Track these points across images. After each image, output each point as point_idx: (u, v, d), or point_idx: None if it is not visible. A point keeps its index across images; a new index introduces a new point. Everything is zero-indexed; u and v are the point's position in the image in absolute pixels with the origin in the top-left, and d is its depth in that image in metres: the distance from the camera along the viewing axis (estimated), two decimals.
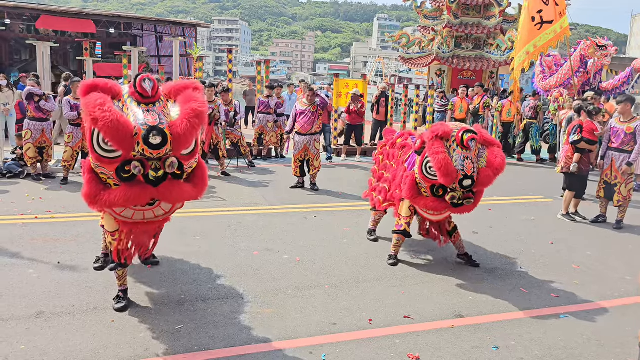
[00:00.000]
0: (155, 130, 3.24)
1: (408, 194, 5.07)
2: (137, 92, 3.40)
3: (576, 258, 5.93)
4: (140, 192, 3.40)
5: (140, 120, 3.29)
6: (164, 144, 3.28)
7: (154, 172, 3.32)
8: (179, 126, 3.31)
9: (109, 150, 3.31)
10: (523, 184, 10.16)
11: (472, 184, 4.70)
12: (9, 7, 15.33)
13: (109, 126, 3.14)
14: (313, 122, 8.49)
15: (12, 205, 7.00)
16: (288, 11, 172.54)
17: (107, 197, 3.43)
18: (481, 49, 17.44)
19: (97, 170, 3.48)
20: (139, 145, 3.26)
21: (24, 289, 4.42)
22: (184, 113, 3.36)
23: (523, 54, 11.25)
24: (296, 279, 4.93)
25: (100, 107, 3.16)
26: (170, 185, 3.43)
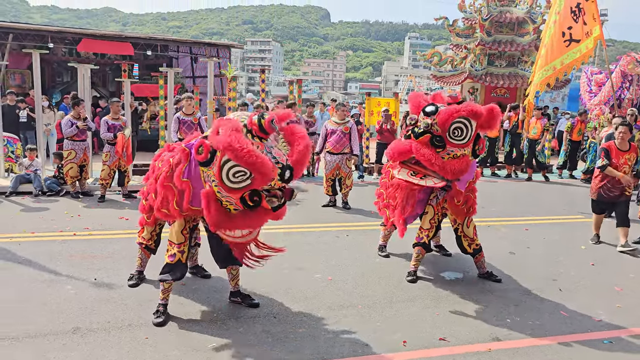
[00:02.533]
0: (288, 168, 3.67)
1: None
2: (261, 131, 3.63)
3: (619, 280, 5.71)
4: (261, 216, 3.83)
5: (272, 159, 3.62)
6: (291, 178, 3.72)
7: (278, 200, 3.74)
8: (299, 162, 3.76)
9: (238, 182, 3.59)
10: (561, 204, 9.90)
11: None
12: (52, 32, 15.95)
13: (262, 170, 3.48)
14: (344, 143, 8.47)
15: (52, 222, 7.19)
16: (319, 31, 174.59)
17: (233, 223, 3.85)
18: (515, 66, 17.25)
19: (222, 198, 3.76)
20: (273, 181, 3.63)
21: (61, 305, 4.51)
22: (301, 149, 3.76)
23: (550, 68, 10.99)
24: (328, 299, 4.88)
25: (253, 153, 3.44)
26: (282, 208, 3.85)
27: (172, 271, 4.23)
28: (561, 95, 24.23)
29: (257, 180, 3.55)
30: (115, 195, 9.07)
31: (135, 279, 5.02)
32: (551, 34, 10.97)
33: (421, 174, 4.95)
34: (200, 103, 14.89)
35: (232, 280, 4.67)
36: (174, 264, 4.22)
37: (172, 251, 4.24)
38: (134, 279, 5.02)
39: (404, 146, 5.02)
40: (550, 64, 10.92)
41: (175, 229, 4.26)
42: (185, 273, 4.39)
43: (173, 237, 4.26)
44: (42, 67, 9.62)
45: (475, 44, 17.16)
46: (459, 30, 18.16)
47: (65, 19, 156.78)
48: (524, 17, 16.75)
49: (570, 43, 10.66)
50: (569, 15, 10.61)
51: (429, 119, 4.77)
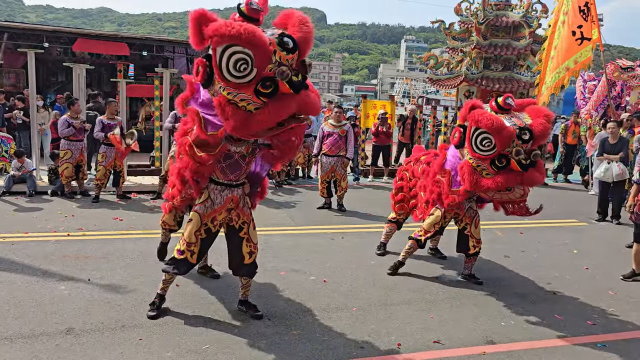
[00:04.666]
0: (285, 34, 3.39)
1: (470, 181, 4.72)
2: (246, 18, 3.46)
3: (613, 284, 5.73)
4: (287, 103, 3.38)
5: (267, 34, 3.39)
6: (295, 47, 3.40)
7: (295, 77, 3.37)
8: (297, 32, 3.44)
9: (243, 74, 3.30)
10: (556, 207, 9.92)
11: (531, 135, 4.49)
12: (47, 31, 15.87)
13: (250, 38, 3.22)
14: (340, 145, 8.47)
15: (46, 222, 7.15)
16: (316, 33, 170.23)
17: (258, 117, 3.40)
18: (511, 70, 17.28)
19: (236, 99, 3.40)
20: (276, 54, 3.34)
21: (54, 305, 4.48)
22: (296, 22, 3.49)
23: (562, 69, 11.00)
24: (323, 301, 4.88)
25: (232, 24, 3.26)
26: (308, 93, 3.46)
27: (176, 265, 4.20)
28: (556, 100, 24.35)
29: (256, 57, 3.27)
30: (110, 196, 9.04)
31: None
32: (561, 34, 10.96)
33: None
34: None
35: (242, 289, 4.59)
36: (180, 260, 4.18)
37: (181, 248, 4.18)
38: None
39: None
40: (562, 65, 10.92)
41: (190, 227, 4.18)
42: (189, 270, 4.30)
43: (186, 235, 4.19)
44: (37, 67, 9.54)
45: (471, 48, 17.19)
46: (455, 34, 18.19)
47: (60, 18, 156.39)
48: (520, 21, 16.79)
49: (583, 41, 10.69)
50: (578, 14, 10.65)
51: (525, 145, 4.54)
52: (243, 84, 3.34)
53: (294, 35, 3.43)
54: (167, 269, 4.25)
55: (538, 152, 4.56)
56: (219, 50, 3.31)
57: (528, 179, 4.59)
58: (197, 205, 4.22)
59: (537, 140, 4.58)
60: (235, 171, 4.15)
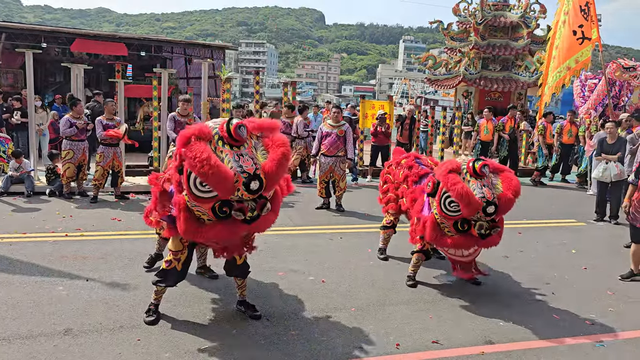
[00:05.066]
0: (255, 177, 3.51)
1: (431, 236, 4.97)
2: (231, 138, 3.58)
3: (611, 284, 5.74)
4: (235, 228, 3.65)
5: (238, 168, 3.50)
6: (261, 188, 3.56)
7: (250, 213, 3.59)
8: (272, 171, 3.59)
9: (207, 192, 3.50)
10: (555, 208, 9.95)
11: (496, 209, 4.65)
12: (45, 32, 15.84)
13: (216, 179, 3.37)
14: (339, 146, 8.47)
15: (44, 223, 7.14)
16: (314, 34, 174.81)
17: (205, 234, 3.69)
18: (509, 70, 17.32)
19: (193, 208, 3.67)
20: (239, 191, 3.50)
21: (53, 306, 4.47)
22: (275, 157, 3.63)
23: (564, 69, 11.02)
24: (321, 301, 4.88)
25: (207, 162, 3.35)
26: (260, 219, 3.70)
27: (165, 277, 4.23)
28: (554, 100, 24.38)
29: (219, 191, 3.45)
30: (108, 196, 9.02)
31: (150, 259, 5.46)
32: (562, 34, 10.99)
33: None
34: (194, 104, 14.82)
35: (239, 289, 4.60)
36: (169, 270, 4.21)
37: (169, 257, 4.23)
38: (149, 259, 5.45)
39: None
40: (563, 64, 10.96)
41: (175, 237, 4.20)
42: (180, 280, 4.32)
43: (172, 245, 4.24)
44: (35, 67, 9.54)
45: (469, 48, 17.23)
46: (453, 34, 18.25)
47: (58, 18, 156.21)
48: (518, 22, 16.84)
49: (584, 41, 10.73)
50: (579, 13, 10.69)
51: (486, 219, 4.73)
52: (203, 199, 3.53)
53: (267, 169, 3.57)
54: (160, 283, 4.26)
55: (498, 228, 4.84)
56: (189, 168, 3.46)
57: (485, 243, 4.89)
58: None
59: (501, 213, 4.81)
60: None
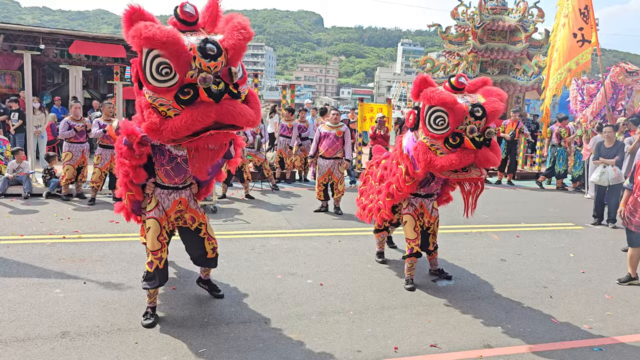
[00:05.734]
0: (209, 41, 3.26)
1: (424, 160, 4.62)
2: (180, 21, 3.43)
3: (609, 288, 5.74)
4: (204, 111, 3.22)
5: (192, 39, 3.29)
6: (219, 54, 3.27)
7: (215, 85, 3.23)
8: (229, 38, 3.32)
9: (165, 79, 3.28)
10: (552, 211, 9.96)
11: (483, 112, 4.42)
12: (44, 33, 15.75)
13: (165, 40, 3.13)
14: (337, 147, 8.46)
15: (41, 225, 7.12)
16: (313, 36, 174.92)
17: (172, 124, 3.28)
18: (507, 74, 17.34)
19: (156, 104, 3.38)
20: (196, 60, 3.23)
21: (50, 309, 4.45)
22: (231, 27, 3.37)
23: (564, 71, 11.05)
24: (320, 304, 4.87)
25: (151, 26, 3.15)
26: (232, 103, 3.31)
27: (152, 279, 4.24)
28: (552, 103, 24.40)
29: (173, 61, 3.20)
30: (106, 198, 9.00)
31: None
32: (562, 37, 11.03)
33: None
34: None
35: (204, 272, 4.88)
36: (153, 272, 4.22)
37: (149, 258, 4.23)
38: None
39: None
40: (564, 66, 10.99)
41: (150, 236, 4.22)
42: (166, 279, 4.36)
43: (149, 245, 4.23)
44: (33, 69, 9.55)
45: (467, 52, 17.25)
46: (451, 38, 18.26)
47: (56, 20, 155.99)
48: (516, 26, 16.87)
49: (584, 43, 10.77)
50: (578, 17, 10.73)
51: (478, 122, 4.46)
52: (164, 88, 3.30)
53: (226, 42, 3.32)
54: (145, 286, 4.28)
55: (492, 130, 4.48)
56: (144, 52, 3.32)
57: (482, 157, 4.46)
58: (151, 212, 4.27)
59: (490, 118, 4.51)
60: (179, 174, 4.26)
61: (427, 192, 5.41)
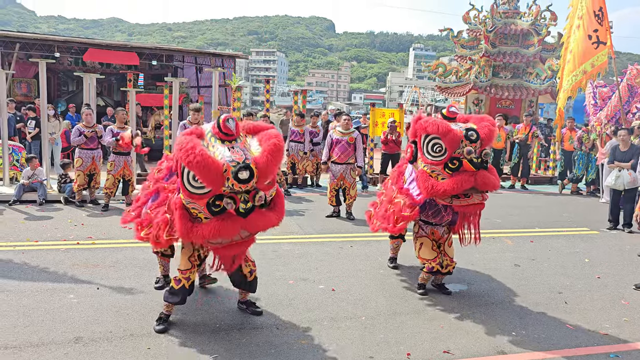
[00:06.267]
0: (243, 166, 3.51)
1: (426, 187, 4.76)
2: (221, 132, 3.68)
3: (625, 294, 5.65)
4: (231, 224, 3.60)
5: (227, 158, 3.55)
6: (251, 178, 3.54)
7: (243, 204, 3.56)
8: (263, 161, 3.60)
9: (200, 187, 3.56)
10: (567, 215, 9.85)
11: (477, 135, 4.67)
12: (59, 41, 16.05)
13: (202, 167, 3.42)
14: (349, 153, 8.45)
15: (56, 231, 7.19)
16: (324, 42, 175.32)
17: (201, 232, 3.63)
18: (520, 78, 17.25)
19: (189, 206, 3.70)
20: (229, 181, 3.50)
21: (63, 314, 4.49)
22: (267, 148, 3.66)
23: (579, 72, 10.95)
24: (332, 310, 4.85)
25: (192, 151, 3.44)
26: (257, 215, 3.67)
27: (176, 296, 4.28)
28: (566, 107, 24.19)
29: (208, 183, 3.49)
30: (119, 204, 9.08)
31: (161, 281, 5.08)
32: (576, 38, 10.93)
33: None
34: (205, 113, 14.91)
35: (241, 294, 4.78)
36: (178, 289, 4.26)
37: (178, 276, 4.28)
38: (160, 281, 5.09)
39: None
40: (579, 68, 10.90)
41: (182, 255, 4.28)
42: (187, 297, 4.35)
43: (181, 264, 4.29)
44: (48, 77, 9.69)
45: (479, 56, 17.19)
46: (463, 42, 18.21)
47: (71, 28, 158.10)
48: (529, 29, 16.79)
49: (599, 45, 10.69)
50: (593, 18, 10.65)
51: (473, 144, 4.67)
52: (197, 194, 3.58)
53: (260, 162, 3.59)
54: (167, 300, 4.32)
55: (488, 152, 4.72)
56: (180, 162, 3.56)
57: (481, 179, 4.61)
58: None
59: (485, 142, 4.75)
60: None
61: (437, 222, 5.34)
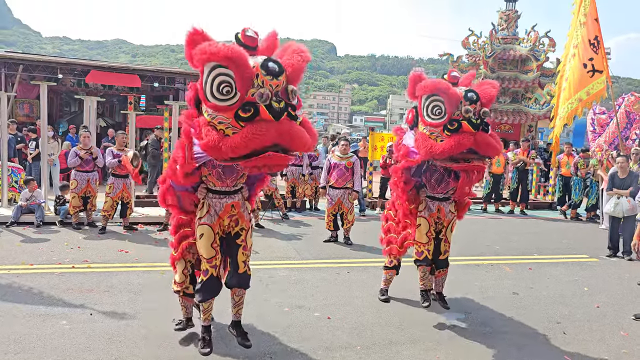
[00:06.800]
0: (271, 59, 3.36)
1: (425, 147, 4.69)
2: (241, 45, 3.47)
3: (624, 324, 5.58)
4: (265, 129, 3.20)
5: (254, 59, 3.38)
6: (281, 72, 3.35)
7: (276, 103, 3.24)
8: (290, 59, 3.45)
9: (226, 98, 3.29)
10: (566, 242, 9.80)
11: (477, 96, 4.64)
12: (61, 63, 16.22)
13: (230, 53, 3.21)
14: (347, 178, 8.45)
15: (51, 254, 7.15)
16: (326, 65, 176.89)
17: (231, 141, 3.26)
18: (519, 103, 17.36)
19: (215, 122, 3.37)
20: (259, 78, 3.30)
21: (55, 341, 4.43)
22: (292, 51, 3.52)
23: (575, 100, 11.03)
24: (327, 339, 4.78)
25: (215, 43, 3.28)
26: (291, 123, 3.30)
27: (206, 290, 4.07)
28: (566, 131, 24.29)
29: (237, 77, 3.25)
30: (116, 227, 9.05)
31: (182, 324, 4.69)
32: (572, 66, 11.05)
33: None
34: None
35: (234, 308, 4.31)
36: (207, 280, 4.05)
37: (204, 267, 4.09)
38: (182, 324, 4.69)
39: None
40: (574, 96, 10.99)
41: (203, 244, 4.04)
42: (220, 287, 4.16)
43: (203, 252, 4.07)
44: (51, 97, 9.79)
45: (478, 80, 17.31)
46: (463, 67, 18.36)
47: (76, 49, 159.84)
48: (528, 55, 16.95)
49: (594, 73, 10.78)
50: (588, 47, 10.77)
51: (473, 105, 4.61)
52: (224, 106, 3.31)
53: (285, 62, 3.43)
54: (201, 299, 4.11)
55: (487, 111, 4.66)
56: (205, 70, 3.37)
57: (482, 140, 4.55)
58: (204, 218, 4.08)
59: (484, 104, 4.69)
60: (231, 175, 4.09)
61: (444, 195, 5.28)
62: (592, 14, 10.81)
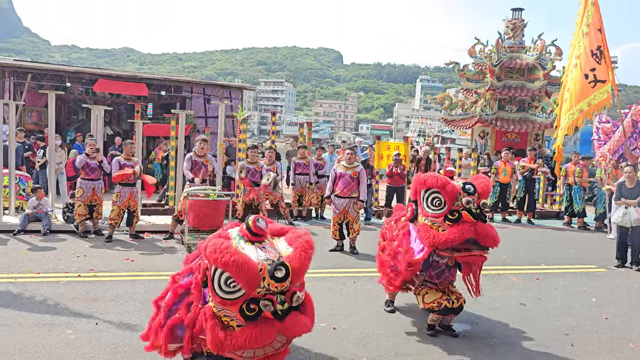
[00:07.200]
0: (280, 264, 3.42)
1: (428, 238, 4.81)
2: (251, 233, 3.61)
3: (634, 336, 5.52)
4: (268, 329, 3.43)
5: (261, 257, 3.47)
6: (287, 277, 3.44)
7: (280, 305, 3.43)
8: (296, 259, 3.52)
9: (232, 291, 3.40)
10: (573, 252, 9.72)
11: (475, 189, 4.89)
12: (69, 72, 16.35)
13: (238, 266, 3.29)
14: (352, 187, 8.43)
15: (58, 262, 7.17)
16: (332, 73, 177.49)
17: (235, 342, 3.42)
18: (525, 111, 17.28)
19: (220, 314, 3.52)
20: (265, 281, 3.39)
21: (60, 351, 4.43)
22: (299, 247, 3.59)
23: (576, 111, 10.98)
24: (332, 350, 4.76)
25: (227, 250, 3.34)
26: (293, 318, 3.51)
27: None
28: (572, 139, 24.18)
29: (243, 284, 3.34)
30: (123, 236, 9.07)
31: None
32: (573, 77, 11.01)
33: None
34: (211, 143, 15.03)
35: None
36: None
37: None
38: None
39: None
40: (576, 107, 10.93)
41: None
42: None
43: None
44: (59, 106, 9.87)
45: (485, 89, 17.27)
46: (469, 75, 18.32)
47: (84, 58, 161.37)
48: (534, 63, 16.88)
49: (596, 84, 10.72)
50: (590, 58, 10.71)
51: (471, 197, 4.84)
52: (230, 300, 3.42)
53: (292, 261, 3.50)
54: None
55: (486, 202, 4.93)
56: (214, 267, 3.44)
57: (482, 230, 4.76)
58: None
59: (481, 196, 4.91)
60: None
61: (440, 283, 5.28)
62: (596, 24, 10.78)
